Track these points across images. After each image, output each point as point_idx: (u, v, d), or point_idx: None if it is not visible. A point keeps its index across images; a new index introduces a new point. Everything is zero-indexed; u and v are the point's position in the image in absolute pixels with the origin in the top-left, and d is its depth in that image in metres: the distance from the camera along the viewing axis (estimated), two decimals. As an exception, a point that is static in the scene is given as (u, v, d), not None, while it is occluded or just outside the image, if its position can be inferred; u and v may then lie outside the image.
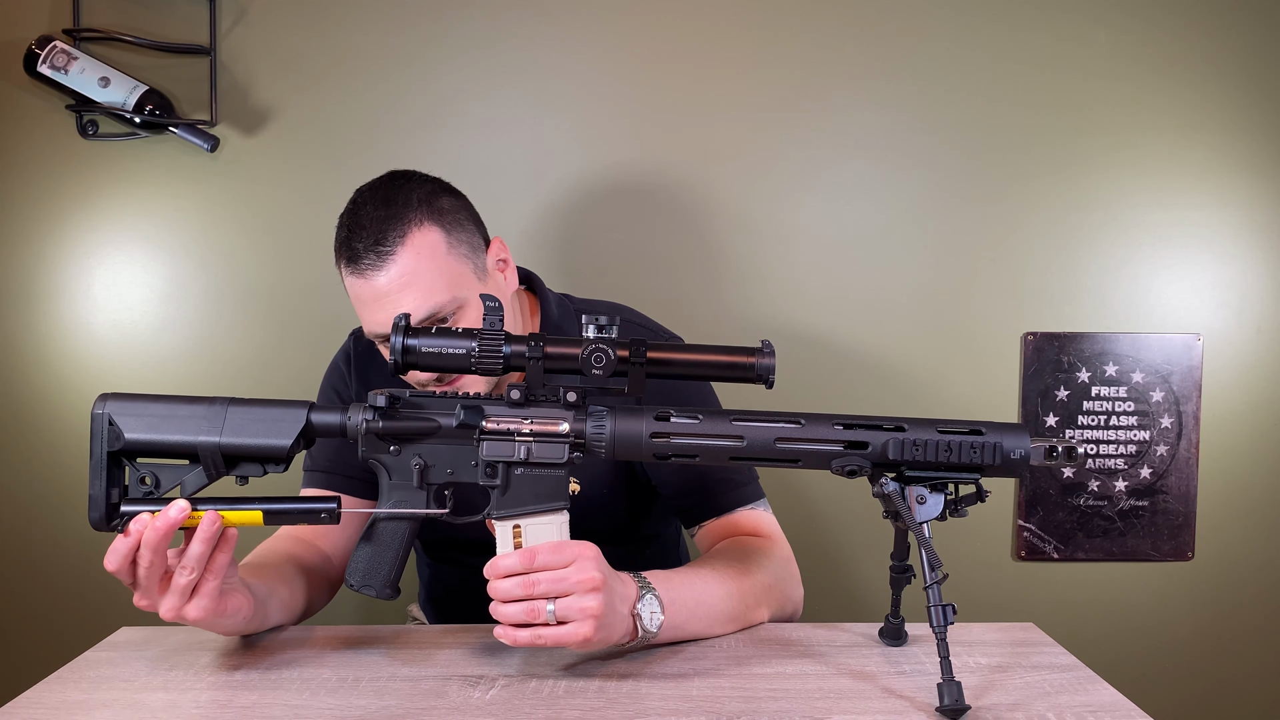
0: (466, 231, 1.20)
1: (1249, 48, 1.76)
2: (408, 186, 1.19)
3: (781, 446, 0.97)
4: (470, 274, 1.19)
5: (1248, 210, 1.78)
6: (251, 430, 0.98)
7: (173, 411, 0.98)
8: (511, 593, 0.96)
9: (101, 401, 0.98)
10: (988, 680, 0.99)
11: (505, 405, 1.00)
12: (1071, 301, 1.79)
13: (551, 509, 1.00)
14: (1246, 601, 1.83)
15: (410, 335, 0.97)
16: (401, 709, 0.93)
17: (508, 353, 0.97)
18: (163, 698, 0.96)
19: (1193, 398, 1.79)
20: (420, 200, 1.17)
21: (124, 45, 1.69)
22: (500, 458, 0.99)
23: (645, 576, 1.05)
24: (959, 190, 1.78)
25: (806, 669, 1.02)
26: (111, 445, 0.97)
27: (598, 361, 0.96)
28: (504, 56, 1.75)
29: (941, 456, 0.96)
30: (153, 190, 1.74)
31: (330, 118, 1.75)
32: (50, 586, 1.79)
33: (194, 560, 0.94)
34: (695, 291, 1.78)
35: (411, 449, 1.00)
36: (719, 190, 1.77)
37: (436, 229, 1.16)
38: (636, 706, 0.93)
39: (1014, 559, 1.83)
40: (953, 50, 1.76)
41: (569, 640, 0.95)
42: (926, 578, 0.92)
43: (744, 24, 1.75)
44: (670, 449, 0.98)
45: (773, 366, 0.97)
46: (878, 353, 1.79)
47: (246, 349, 1.77)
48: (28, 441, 1.77)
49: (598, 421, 0.98)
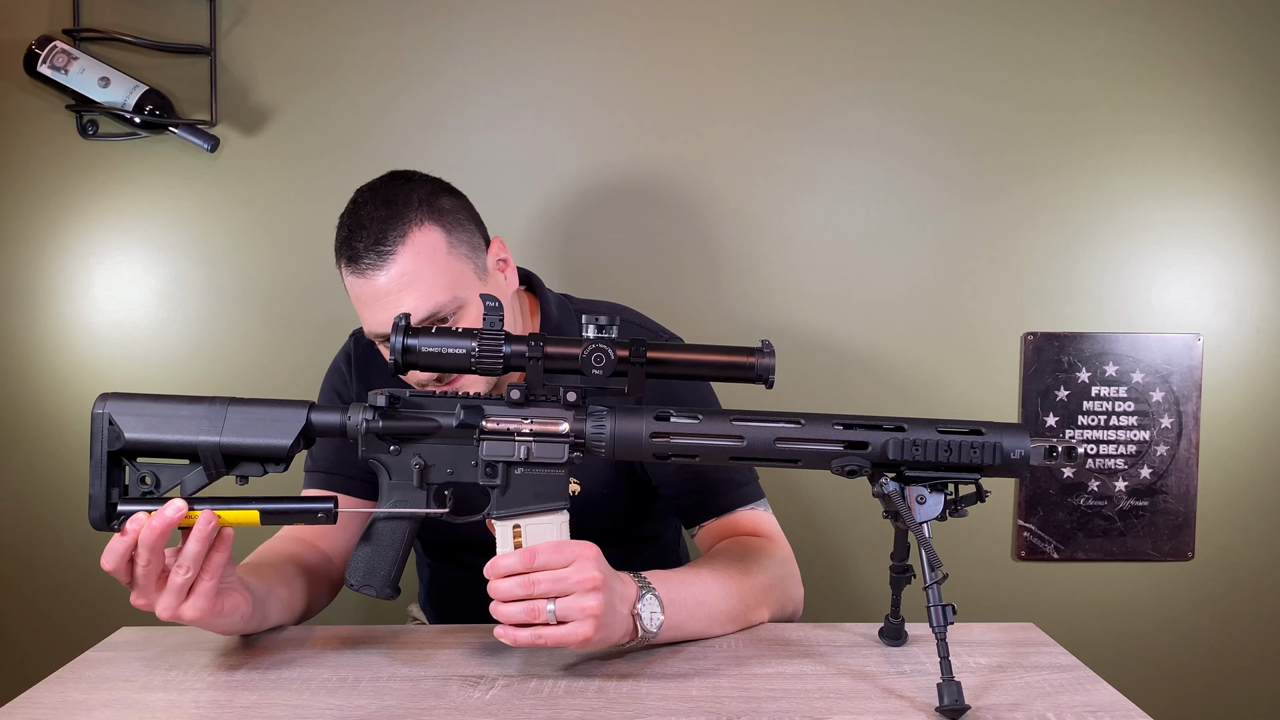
0: (467, 231, 1.20)
1: (1249, 48, 1.76)
2: (408, 186, 1.19)
3: (781, 446, 0.97)
4: (471, 274, 1.19)
5: (1248, 210, 1.78)
6: (251, 430, 0.98)
7: (173, 411, 0.98)
8: (511, 592, 0.96)
9: (102, 401, 0.98)
10: (987, 680, 0.99)
11: (505, 405, 1.00)
12: (1071, 301, 1.79)
13: (551, 509, 1.00)
14: (1246, 601, 1.83)
15: (410, 335, 0.97)
16: (401, 709, 0.93)
17: (508, 353, 0.97)
18: (163, 698, 0.96)
19: (1193, 398, 1.79)
20: (421, 200, 1.17)
21: (124, 45, 1.69)
22: (500, 457, 0.99)
23: (645, 576, 1.05)
24: (959, 190, 1.78)
25: (806, 669, 1.02)
26: (112, 445, 0.97)
27: (598, 361, 0.96)
28: (504, 56, 1.75)
29: (941, 456, 0.96)
30: (153, 190, 1.74)
31: (330, 118, 1.75)
32: (50, 586, 1.78)
33: (190, 559, 0.94)
34: (695, 291, 1.78)
35: (411, 449, 1.00)
36: (719, 190, 1.77)
37: (437, 229, 1.16)
38: (636, 706, 0.93)
39: (1014, 559, 1.83)
40: (953, 50, 1.76)
41: (569, 640, 0.95)
42: (926, 578, 0.92)
43: (744, 24, 1.75)
44: (670, 449, 0.98)
45: (773, 366, 0.97)
46: (878, 353, 1.79)
47: (246, 349, 1.77)
48: (28, 441, 1.77)
49: (598, 421, 0.98)
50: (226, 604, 0.99)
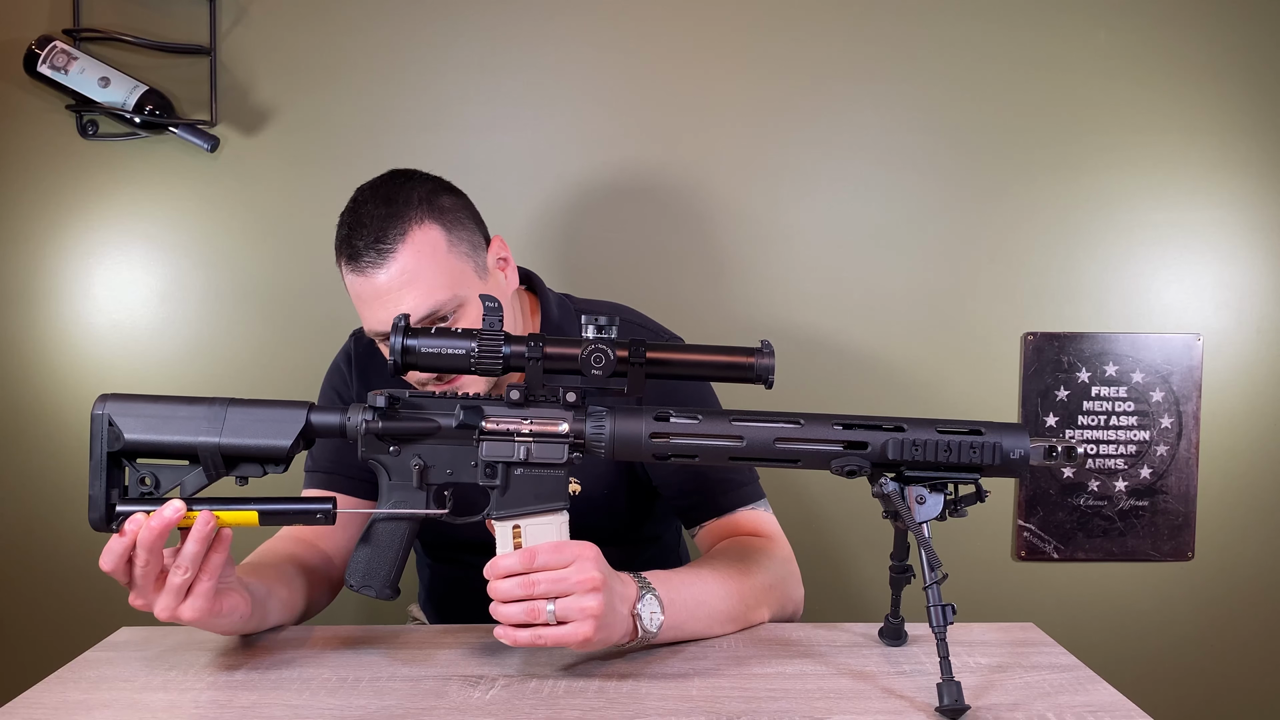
0: (467, 230, 1.20)
1: (1249, 48, 1.76)
2: (409, 185, 1.19)
3: (781, 446, 0.97)
4: (471, 272, 1.19)
5: (1248, 210, 1.78)
6: (251, 431, 0.98)
7: (173, 412, 0.98)
8: (511, 593, 0.96)
9: (101, 402, 0.98)
10: (988, 680, 0.99)
11: (505, 406, 1.00)
12: (1071, 301, 1.79)
13: (551, 509, 1.00)
14: (1246, 601, 1.83)
15: (410, 336, 0.97)
16: (401, 709, 0.93)
17: (507, 353, 0.97)
18: (163, 698, 0.96)
19: (1193, 398, 1.79)
20: (421, 199, 1.17)
21: (124, 45, 1.69)
22: (500, 458, 0.99)
23: (645, 577, 1.05)
24: (959, 190, 1.78)
25: (806, 669, 1.02)
26: (111, 446, 0.97)
27: (597, 362, 0.96)
28: (504, 56, 1.75)
29: (941, 456, 0.96)
30: (153, 190, 1.74)
31: (330, 118, 1.75)
32: (50, 586, 1.78)
33: (188, 560, 0.94)
34: (695, 291, 1.78)
35: (411, 449, 1.00)
36: (719, 190, 1.77)
37: (437, 227, 1.16)
38: (636, 706, 0.93)
39: (1014, 559, 1.83)
40: (953, 50, 1.76)
41: (569, 640, 0.95)
42: (926, 578, 0.92)
43: (744, 24, 1.75)
44: (670, 449, 0.98)
45: (772, 366, 0.97)
46: (878, 353, 1.79)
47: (246, 349, 1.77)
48: (28, 441, 1.77)
49: (597, 422, 0.98)
50: (225, 604, 0.99)
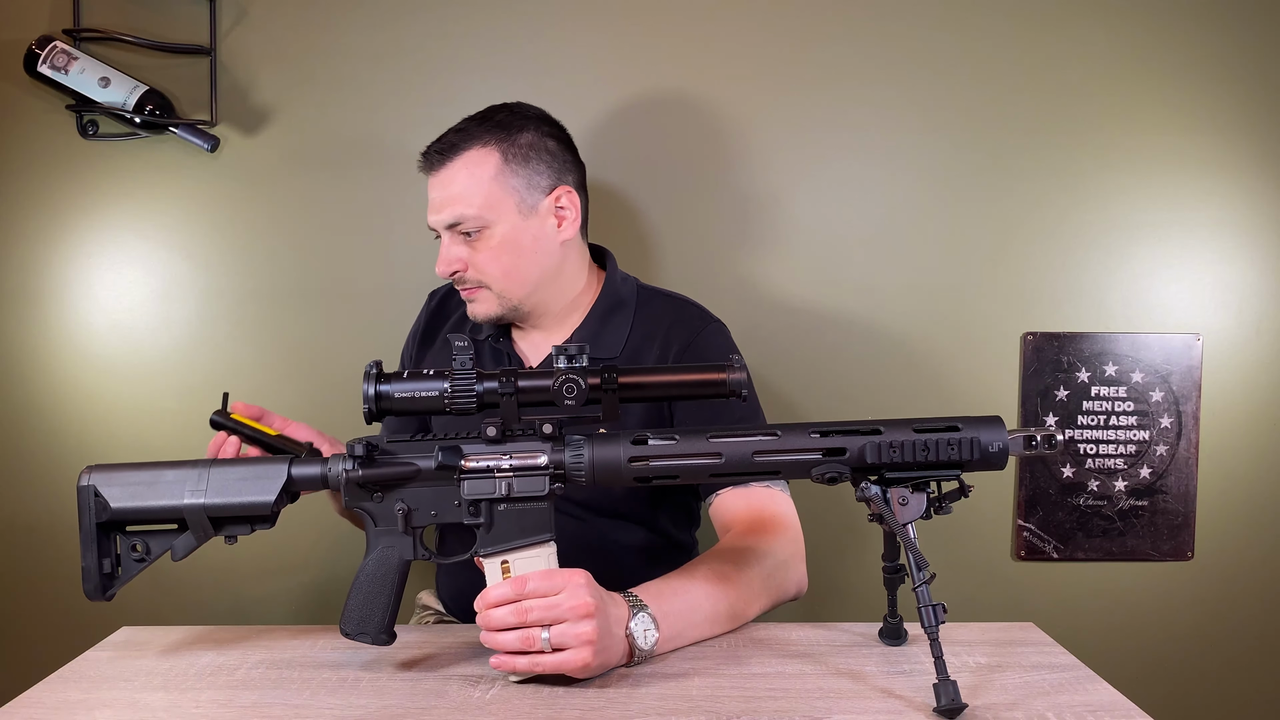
0: (530, 168, 1.29)
1: (1249, 48, 1.76)
2: (502, 111, 1.32)
3: (760, 460, 0.98)
4: (511, 205, 1.27)
5: (1248, 210, 1.78)
6: (235, 490, 0.99)
7: (156, 478, 0.99)
8: (505, 621, 0.96)
9: (87, 474, 0.99)
10: (986, 680, 0.99)
11: (483, 443, 1.00)
12: (1071, 301, 1.79)
13: (538, 542, 1.01)
14: (1246, 601, 1.83)
15: (382, 381, 0.98)
16: (401, 709, 0.93)
17: (480, 390, 0.98)
18: (163, 698, 0.96)
19: (1192, 398, 1.79)
20: (499, 124, 1.29)
21: (124, 45, 1.69)
22: (482, 495, 1.00)
23: (636, 593, 1.05)
24: (959, 190, 1.77)
25: (806, 669, 1.02)
26: (99, 516, 0.98)
27: (569, 392, 0.97)
28: (504, 56, 1.75)
29: (919, 456, 0.96)
30: (153, 190, 1.74)
31: (330, 118, 1.75)
32: (50, 586, 1.78)
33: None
34: (693, 292, 1.77)
35: (394, 494, 1.01)
36: (719, 190, 1.77)
37: (496, 153, 1.27)
38: (636, 706, 0.93)
39: (1014, 559, 1.82)
40: (953, 50, 1.75)
41: (567, 666, 0.96)
42: (915, 578, 0.92)
43: (745, 25, 1.75)
44: (650, 471, 0.98)
45: (744, 380, 0.99)
46: (877, 352, 1.79)
47: (246, 349, 1.77)
48: (28, 441, 1.77)
49: (576, 450, 0.99)
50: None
